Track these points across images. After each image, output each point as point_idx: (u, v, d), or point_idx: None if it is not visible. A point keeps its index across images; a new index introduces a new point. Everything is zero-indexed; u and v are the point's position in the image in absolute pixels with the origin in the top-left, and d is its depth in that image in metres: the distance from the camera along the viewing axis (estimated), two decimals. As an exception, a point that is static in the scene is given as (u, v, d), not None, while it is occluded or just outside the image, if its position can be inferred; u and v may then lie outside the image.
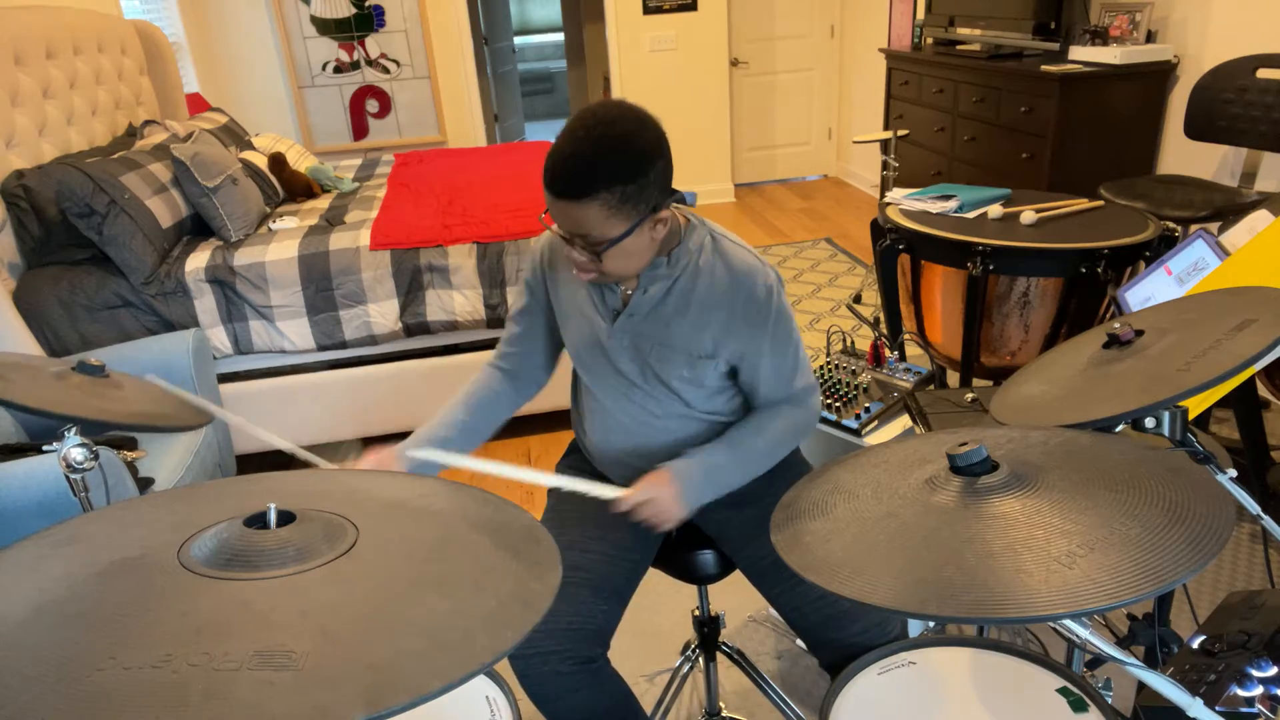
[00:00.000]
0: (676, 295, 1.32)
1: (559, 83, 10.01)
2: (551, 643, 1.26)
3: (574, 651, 1.26)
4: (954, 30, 4.32)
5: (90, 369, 1.34)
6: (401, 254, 2.74)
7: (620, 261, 1.22)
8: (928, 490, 0.91)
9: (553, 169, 1.14)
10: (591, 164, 1.12)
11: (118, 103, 3.41)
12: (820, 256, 4.72)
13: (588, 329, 1.39)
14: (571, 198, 1.13)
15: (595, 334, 1.37)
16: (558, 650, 1.26)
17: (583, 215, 1.15)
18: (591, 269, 1.23)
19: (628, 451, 1.44)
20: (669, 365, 1.35)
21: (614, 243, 1.18)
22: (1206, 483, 0.84)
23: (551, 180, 1.14)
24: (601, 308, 1.36)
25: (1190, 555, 0.73)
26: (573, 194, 1.13)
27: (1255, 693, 0.87)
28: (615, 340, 1.36)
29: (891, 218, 2.40)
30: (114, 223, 2.54)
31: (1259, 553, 2.17)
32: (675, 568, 1.49)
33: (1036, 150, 3.48)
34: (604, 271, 1.23)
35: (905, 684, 1.04)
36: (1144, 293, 1.77)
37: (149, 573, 0.73)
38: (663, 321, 1.33)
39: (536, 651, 1.25)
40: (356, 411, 2.87)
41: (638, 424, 1.41)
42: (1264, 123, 2.83)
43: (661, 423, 1.41)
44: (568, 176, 1.12)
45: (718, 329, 1.32)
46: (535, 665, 1.25)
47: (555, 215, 1.18)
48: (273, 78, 5.11)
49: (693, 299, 1.32)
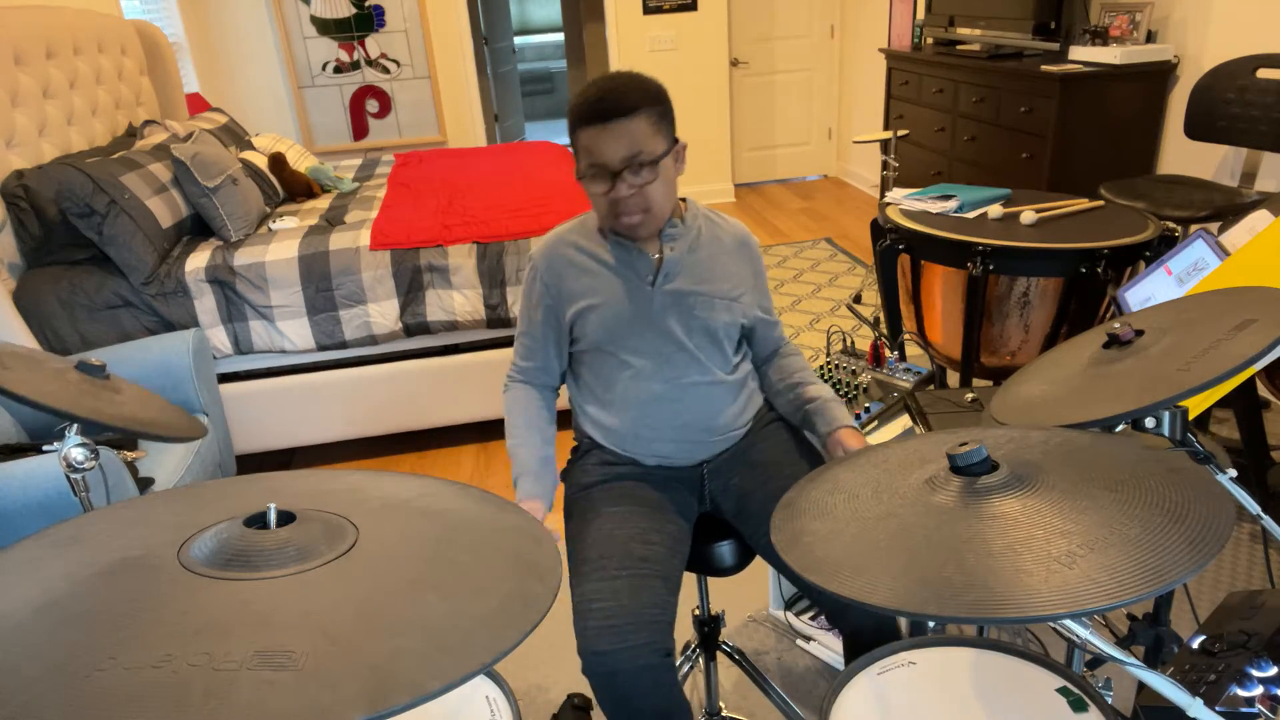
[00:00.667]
0: (699, 250, 1.47)
1: (559, 83, 10.01)
2: (642, 635, 1.25)
3: (660, 644, 1.27)
4: (954, 30, 4.33)
5: (90, 369, 1.34)
6: (401, 254, 2.74)
7: (661, 191, 1.36)
8: (928, 490, 0.91)
9: (598, 99, 1.29)
10: (630, 87, 1.31)
11: (118, 103, 3.41)
12: (820, 256, 4.72)
13: (622, 303, 1.44)
14: (622, 115, 1.29)
15: (634, 304, 1.44)
16: (649, 642, 1.25)
17: (635, 130, 1.30)
18: (637, 207, 1.35)
19: (666, 423, 1.47)
20: (713, 313, 1.47)
21: (662, 157, 1.33)
22: (1206, 483, 0.84)
23: (599, 109, 1.29)
24: (635, 278, 1.45)
25: (1190, 555, 0.73)
26: (623, 111, 1.29)
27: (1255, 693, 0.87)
28: (660, 300, 1.44)
29: (891, 218, 2.40)
30: (114, 223, 2.54)
31: (1259, 552, 2.17)
32: (693, 560, 1.49)
33: (1036, 150, 3.48)
34: (648, 206, 1.36)
35: (905, 684, 1.04)
36: (1144, 293, 1.77)
37: (149, 573, 0.73)
38: (696, 274, 1.47)
39: (628, 645, 1.24)
40: (356, 411, 2.88)
41: (678, 391, 1.46)
42: (1264, 123, 2.83)
43: (700, 389, 1.47)
44: (615, 98, 1.29)
45: (735, 279, 1.50)
46: (627, 659, 1.24)
47: (605, 146, 1.31)
48: (273, 78, 5.11)
49: (712, 252, 1.49)
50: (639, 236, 1.43)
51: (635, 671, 1.25)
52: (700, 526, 1.51)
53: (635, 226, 1.39)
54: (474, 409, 2.95)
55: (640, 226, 1.39)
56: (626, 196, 1.34)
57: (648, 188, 1.35)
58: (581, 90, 1.33)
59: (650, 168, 1.33)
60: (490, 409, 2.96)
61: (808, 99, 6.24)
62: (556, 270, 1.46)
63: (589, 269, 1.46)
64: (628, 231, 1.41)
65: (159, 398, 1.43)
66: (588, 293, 1.45)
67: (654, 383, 1.46)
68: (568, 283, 1.46)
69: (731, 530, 1.51)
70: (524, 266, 2.77)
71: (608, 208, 1.38)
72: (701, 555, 1.48)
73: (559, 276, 1.46)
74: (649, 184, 1.35)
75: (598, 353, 1.48)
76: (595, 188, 1.36)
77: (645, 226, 1.40)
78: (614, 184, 1.34)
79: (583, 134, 1.33)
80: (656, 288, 1.45)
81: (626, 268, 1.45)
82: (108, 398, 1.28)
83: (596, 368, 1.50)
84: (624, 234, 1.43)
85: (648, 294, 1.45)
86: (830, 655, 1.97)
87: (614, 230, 1.44)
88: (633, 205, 1.36)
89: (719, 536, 1.49)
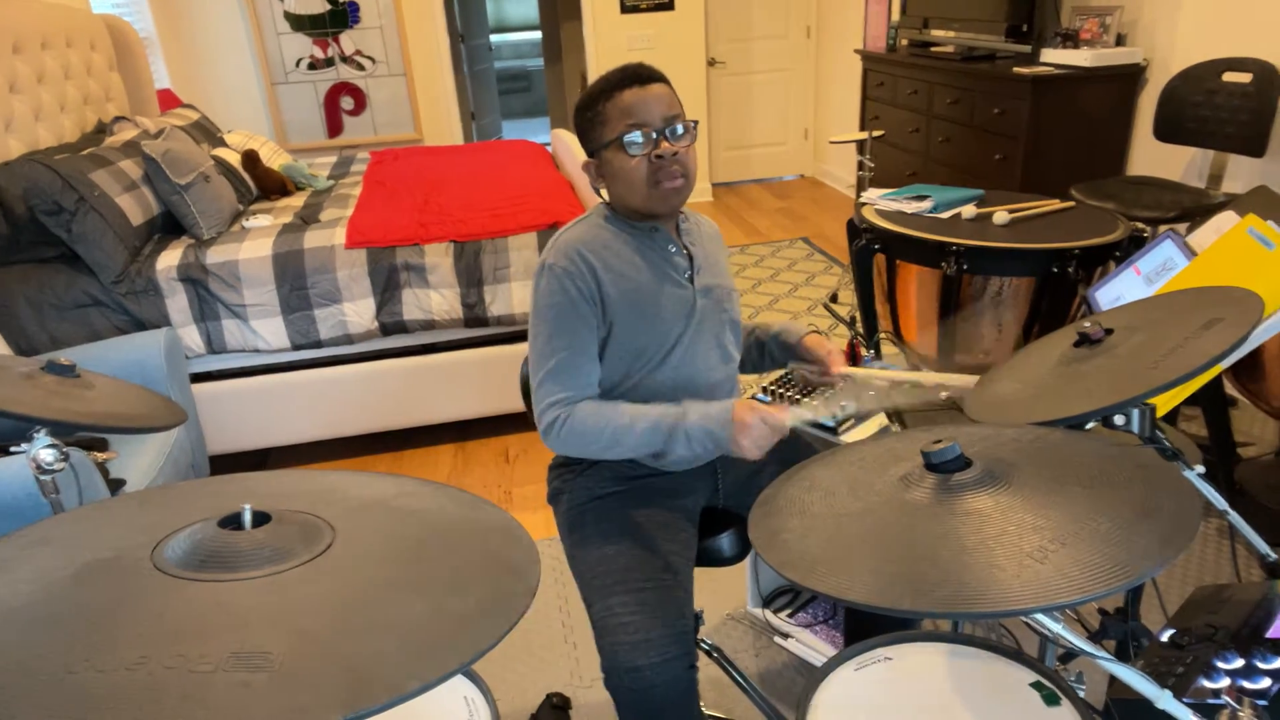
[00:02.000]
0: (703, 247, 1.49)
1: (536, 81, 9.97)
2: (675, 648, 1.25)
3: (690, 655, 1.27)
4: (928, 32, 4.36)
5: (60, 369, 1.32)
6: (378, 252, 2.72)
7: (694, 161, 1.38)
8: (903, 487, 0.92)
9: (634, 71, 1.34)
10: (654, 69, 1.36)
11: (87, 98, 3.36)
12: (797, 256, 4.74)
13: (677, 303, 1.41)
14: (659, 79, 1.35)
15: (677, 304, 1.41)
16: (681, 654, 1.25)
17: (670, 93, 1.35)
18: (679, 170, 1.34)
19: None
20: (734, 305, 1.51)
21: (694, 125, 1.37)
22: (1174, 479, 0.85)
23: (639, 73, 1.34)
24: (677, 274, 1.43)
25: (1159, 549, 0.74)
26: (658, 76, 1.35)
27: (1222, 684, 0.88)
28: (700, 299, 1.44)
29: (867, 218, 2.42)
30: (83, 220, 2.50)
31: (1226, 547, 2.21)
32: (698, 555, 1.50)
33: (1009, 151, 3.53)
34: (687, 171, 1.36)
35: (881, 680, 1.05)
36: (1114, 292, 1.80)
37: (122, 574, 0.72)
38: (712, 270, 1.48)
39: (664, 658, 1.23)
40: (332, 411, 2.85)
41: (709, 390, 1.45)
42: (1230, 125, 2.88)
43: (724, 387, 1.49)
44: (649, 69, 1.35)
45: (726, 270, 1.53)
46: (663, 673, 1.23)
47: (647, 105, 1.32)
48: (245, 74, 5.05)
49: (710, 246, 1.51)
50: (673, 207, 1.38)
51: (668, 684, 1.23)
52: (700, 519, 1.53)
53: (675, 191, 1.34)
54: (452, 408, 2.94)
55: (677, 194, 1.35)
56: (670, 157, 1.32)
57: (686, 152, 1.35)
58: (603, 74, 1.36)
59: (689, 133, 1.35)
60: (467, 408, 2.95)
61: (784, 99, 6.27)
62: (590, 274, 1.35)
63: (625, 273, 1.37)
64: (663, 200, 1.34)
65: (135, 386, 1.41)
66: (643, 300, 1.37)
67: (687, 382, 1.42)
68: (606, 288, 1.36)
69: (729, 521, 1.52)
70: (502, 265, 2.76)
71: (647, 172, 1.32)
72: (701, 549, 1.49)
73: (595, 283, 1.35)
74: (688, 147, 1.35)
75: (632, 356, 1.39)
76: (634, 151, 1.32)
77: (681, 194, 1.36)
78: (658, 143, 1.32)
79: (622, 95, 1.31)
80: (696, 286, 1.43)
81: (663, 265, 1.41)
82: (78, 396, 1.27)
83: (624, 369, 1.40)
84: (655, 207, 1.35)
85: (689, 292, 1.42)
86: (808, 652, 1.98)
87: (645, 206, 1.35)
88: (675, 168, 1.33)
89: (718, 529, 1.50)
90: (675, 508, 1.45)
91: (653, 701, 1.24)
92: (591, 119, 1.35)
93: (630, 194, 1.35)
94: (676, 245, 1.43)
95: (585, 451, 1.34)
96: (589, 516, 1.43)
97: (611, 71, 1.35)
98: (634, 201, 1.36)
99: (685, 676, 1.25)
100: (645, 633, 1.23)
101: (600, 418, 1.31)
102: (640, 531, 1.38)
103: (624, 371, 1.40)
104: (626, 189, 1.35)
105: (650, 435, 1.29)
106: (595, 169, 1.39)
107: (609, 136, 1.33)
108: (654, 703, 1.24)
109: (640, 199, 1.35)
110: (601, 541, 1.38)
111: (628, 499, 1.44)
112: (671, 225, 1.45)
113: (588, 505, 1.45)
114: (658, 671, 1.22)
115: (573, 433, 1.31)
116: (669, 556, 1.36)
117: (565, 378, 1.34)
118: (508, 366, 2.90)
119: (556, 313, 1.34)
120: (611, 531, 1.38)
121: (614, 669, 1.23)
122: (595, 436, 1.31)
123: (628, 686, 1.23)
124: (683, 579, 1.35)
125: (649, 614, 1.25)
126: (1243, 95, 2.83)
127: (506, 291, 2.79)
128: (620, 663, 1.22)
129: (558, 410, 1.32)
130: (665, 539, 1.38)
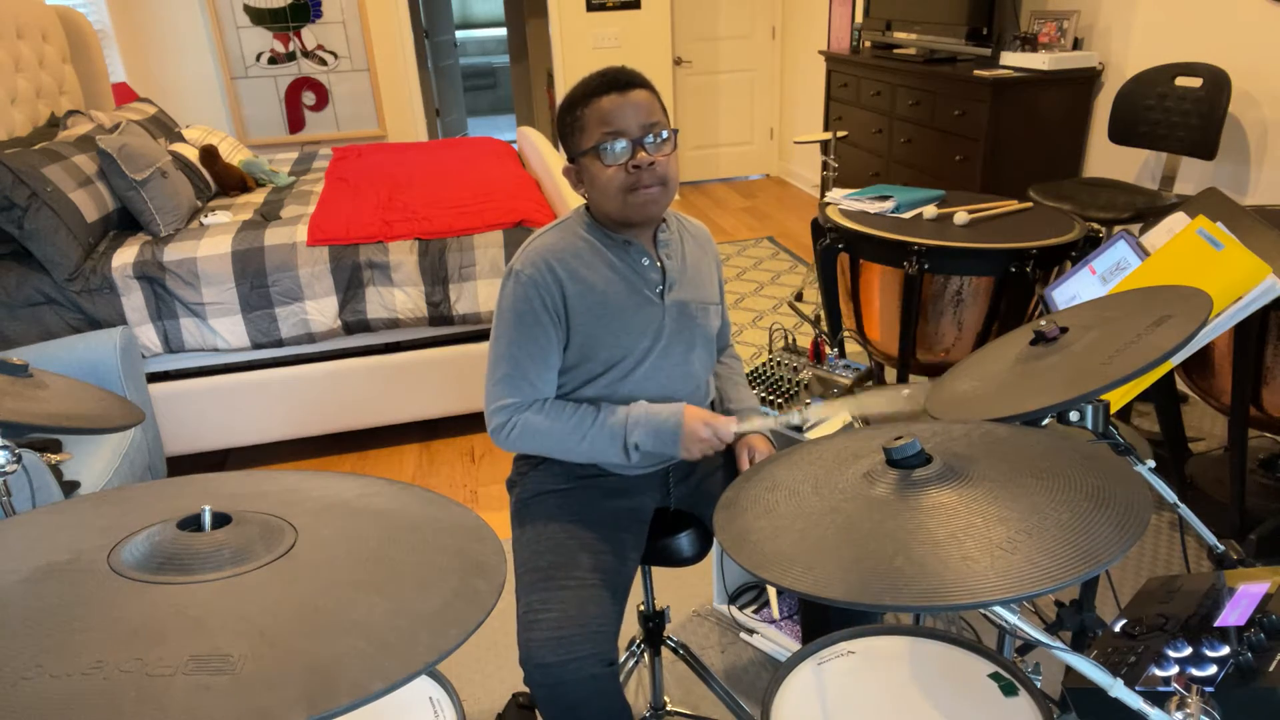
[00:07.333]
0: (685, 256, 1.47)
1: (501, 78, 9.92)
2: (587, 646, 1.25)
3: (604, 654, 1.26)
4: (891, 34, 4.42)
5: (12, 369, 1.29)
6: (340, 250, 2.69)
7: (674, 169, 1.36)
8: (867, 484, 0.93)
9: (615, 76, 1.31)
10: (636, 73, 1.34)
11: (39, 91, 3.27)
12: (763, 255, 4.77)
13: (643, 317, 1.40)
14: (641, 85, 1.32)
15: (646, 317, 1.41)
16: (594, 653, 1.25)
17: (651, 102, 1.33)
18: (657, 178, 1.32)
19: None
20: (710, 319, 1.49)
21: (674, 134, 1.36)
22: (1121, 467, 0.88)
23: (618, 79, 1.31)
24: (649, 289, 1.41)
25: (1117, 537, 0.77)
26: (640, 82, 1.33)
27: (1172, 672, 0.91)
28: (669, 313, 1.43)
29: (831, 217, 2.44)
30: (35, 216, 2.44)
31: (1177, 540, 2.27)
32: (652, 554, 1.50)
33: (969, 153, 3.58)
34: (666, 179, 1.34)
35: (844, 673, 1.06)
36: (1070, 291, 1.84)
37: (77, 578, 0.70)
38: (690, 282, 1.47)
39: (574, 656, 1.24)
40: (294, 411, 2.81)
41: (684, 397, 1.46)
42: (1182, 128, 2.96)
43: (699, 392, 1.50)
44: (629, 74, 1.32)
45: (710, 280, 1.52)
46: (573, 670, 1.23)
47: (625, 112, 1.30)
48: (204, 68, 4.96)
49: (695, 257, 1.49)
50: (649, 216, 1.36)
51: (579, 682, 1.24)
52: (656, 520, 1.52)
53: (652, 201, 1.33)
54: (416, 408, 2.91)
55: (654, 203, 1.34)
56: (647, 165, 1.30)
57: (666, 160, 1.33)
58: (590, 76, 1.33)
59: (668, 140, 1.34)
60: (433, 407, 2.93)
61: (750, 99, 6.30)
62: (556, 286, 1.36)
63: (594, 285, 1.37)
64: (639, 209, 1.33)
65: (90, 386, 1.38)
66: (607, 312, 1.38)
67: (654, 399, 1.42)
68: (572, 300, 1.36)
69: (687, 521, 1.52)
70: (468, 263, 2.75)
71: (624, 180, 1.31)
72: (660, 549, 1.49)
73: (561, 294, 1.36)
74: (668, 155, 1.33)
75: (594, 364, 1.40)
76: (609, 160, 1.30)
77: (659, 204, 1.35)
78: (634, 152, 1.30)
79: (600, 103, 1.30)
80: (667, 301, 1.42)
81: (635, 279, 1.40)
82: (31, 396, 1.24)
83: (588, 379, 1.41)
84: (631, 216, 1.35)
85: (659, 308, 1.42)
86: (772, 647, 2.00)
87: (621, 215, 1.35)
88: (652, 175, 1.31)
89: (676, 528, 1.50)
90: (622, 509, 1.45)
91: (565, 698, 1.26)
92: (571, 125, 1.35)
93: (606, 202, 1.35)
94: (651, 258, 1.42)
95: (536, 453, 1.42)
96: (532, 512, 1.45)
97: (592, 75, 1.33)
98: (610, 210, 1.36)
99: (601, 674, 1.26)
100: (557, 630, 1.25)
101: (547, 424, 1.37)
102: (577, 530, 1.39)
103: (588, 381, 1.41)
104: (603, 197, 1.35)
105: (596, 444, 1.37)
106: (575, 174, 1.38)
107: (587, 144, 1.32)
108: (566, 699, 1.26)
109: (616, 208, 1.35)
110: (535, 538, 1.39)
111: (573, 497, 1.45)
112: (648, 235, 1.43)
113: (533, 500, 1.47)
114: (568, 669, 1.24)
115: (521, 437, 1.38)
116: (601, 556, 1.36)
117: (518, 384, 1.38)
118: (473, 365, 2.88)
119: (518, 319, 1.36)
120: (547, 528, 1.40)
121: (526, 663, 1.25)
122: (542, 442, 1.39)
123: (538, 681, 1.25)
124: (613, 578, 1.34)
125: (564, 612, 1.27)
126: (1194, 99, 2.91)
127: (472, 290, 2.77)
128: (532, 657, 1.25)
129: (507, 414, 1.38)
130: (603, 539, 1.39)
